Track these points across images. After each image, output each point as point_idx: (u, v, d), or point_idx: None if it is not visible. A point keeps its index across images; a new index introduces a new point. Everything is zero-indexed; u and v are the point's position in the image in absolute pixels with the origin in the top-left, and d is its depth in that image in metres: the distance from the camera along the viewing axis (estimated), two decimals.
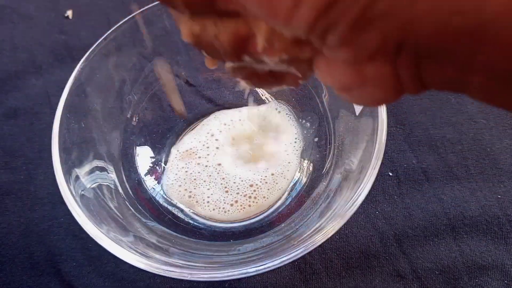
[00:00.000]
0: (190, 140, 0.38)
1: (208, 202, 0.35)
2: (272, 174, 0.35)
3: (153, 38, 0.36)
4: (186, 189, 0.36)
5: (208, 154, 0.37)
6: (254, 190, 0.35)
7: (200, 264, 0.27)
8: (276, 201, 0.35)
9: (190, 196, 0.35)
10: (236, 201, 0.35)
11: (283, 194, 0.35)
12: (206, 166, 0.37)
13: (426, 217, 0.34)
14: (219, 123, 0.39)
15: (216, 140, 0.38)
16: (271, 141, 0.37)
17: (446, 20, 0.10)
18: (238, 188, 0.35)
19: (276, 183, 0.35)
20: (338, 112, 0.34)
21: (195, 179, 0.36)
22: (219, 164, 0.36)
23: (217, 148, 0.37)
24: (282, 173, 0.35)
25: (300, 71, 0.16)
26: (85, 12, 0.48)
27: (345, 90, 0.15)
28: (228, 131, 0.38)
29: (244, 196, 0.35)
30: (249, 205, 0.34)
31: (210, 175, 0.36)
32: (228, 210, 0.34)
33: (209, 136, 0.38)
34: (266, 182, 0.35)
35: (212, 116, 0.40)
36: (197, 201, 0.35)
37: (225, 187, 0.35)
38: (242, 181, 0.35)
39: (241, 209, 0.34)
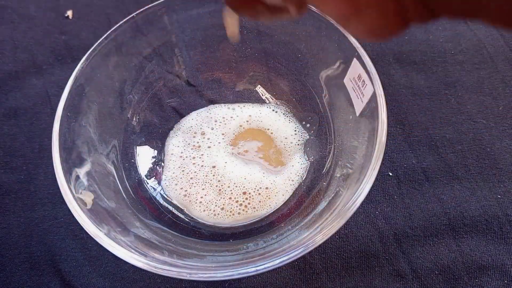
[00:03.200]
0: (183, 138, 0.38)
1: (200, 202, 0.35)
2: (267, 188, 0.35)
3: (153, 38, 0.36)
4: (182, 188, 0.36)
5: (202, 154, 0.37)
6: (246, 198, 0.34)
7: (200, 264, 0.27)
8: (267, 215, 0.34)
9: (185, 195, 0.35)
10: (227, 203, 0.34)
11: (274, 209, 0.34)
12: (202, 166, 0.37)
13: (426, 217, 0.34)
14: (210, 119, 0.39)
15: (208, 139, 0.38)
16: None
17: None
18: (231, 193, 0.35)
19: (269, 198, 0.34)
20: (338, 112, 0.34)
21: (191, 178, 0.36)
22: (214, 167, 0.36)
23: (209, 147, 0.37)
24: (277, 191, 0.35)
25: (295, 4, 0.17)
26: (85, 12, 0.48)
27: (342, 20, 0.15)
28: (219, 129, 0.38)
29: (236, 202, 0.34)
30: (239, 213, 0.34)
31: (206, 175, 0.36)
32: (218, 214, 0.34)
33: (198, 135, 0.38)
34: (259, 194, 0.35)
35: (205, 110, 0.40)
36: (190, 201, 0.35)
37: (219, 189, 0.35)
38: (236, 186, 0.35)
39: (230, 215, 0.34)
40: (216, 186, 0.35)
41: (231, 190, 0.35)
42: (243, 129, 0.39)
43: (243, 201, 0.34)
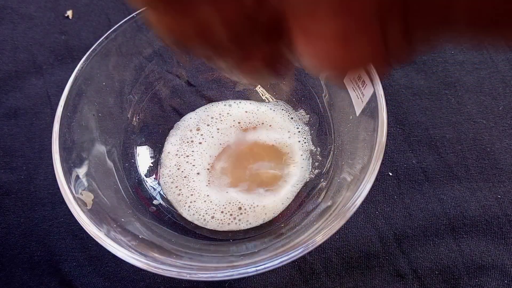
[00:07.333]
0: (180, 137, 0.38)
1: (189, 206, 0.34)
2: (264, 206, 0.34)
3: (153, 38, 0.36)
4: (177, 187, 0.35)
5: (193, 151, 0.37)
6: (241, 213, 0.34)
7: (199, 264, 0.27)
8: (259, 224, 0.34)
9: (179, 195, 0.35)
10: (219, 215, 0.34)
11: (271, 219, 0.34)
12: (193, 165, 0.36)
13: (426, 217, 0.34)
14: (206, 116, 0.39)
15: (201, 135, 0.38)
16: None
17: None
18: (225, 207, 0.34)
19: (265, 214, 0.34)
20: (338, 112, 0.34)
21: (185, 177, 0.36)
22: (207, 169, 0.36)
23: (200, 143, 0.37)
24: (276, 203, 0.34)
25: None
26: (85, 12, 0.48)
27: (326, 64, 0.13)
28: (215, 125, 0.38)
29: (231, 215, 0.34)
30: (228, 224, 0.33)
31: (194, 181, 0.35)
32: (208, 221, 0.33)
33: (194, 131, 0.38)
34: (254, 211, 0.34)
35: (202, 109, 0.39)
36: (180, 201, 0.35)
37: (211, 201, 0.34)
38: (230, 203, 0.34)
39: (220, 223, 0.33)
40: (207, 195, 0.35)
41: (223, 205, 0.34)
42: (238, 129, 0.38)
43: (237, 215, 0.34)
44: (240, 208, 0.34)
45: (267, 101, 0.40)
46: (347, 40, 0.12)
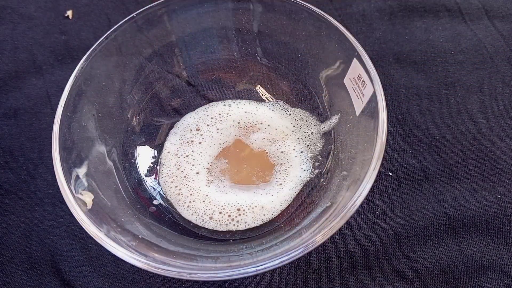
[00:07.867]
0: (179, 137, 0.38)
1: (188, 206, 0.34)
2: (262, 207, 0.34)
3: (153, 38, 0.36)
4: (176, 186, 0.35)
5: (193, 151, 0.37)
6: (240, 214, 0.34)
7: (200, 264, 0.27)
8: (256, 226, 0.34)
9: (179, 194, 0.35)
10: (217, 216, 0.34)
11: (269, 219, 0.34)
12: (193, 165, 0.36)
13: (426, 217, 0.34)
14: (206, 116, 0.39)
15: (201, 135, 0.38)
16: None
17: None
18: (224, 208, 0.34)
19: (264, 215, 0.34)
20: (338, 112, 0.34)
21: (185, 176, 0.36)
22: (208, 168, 0.36)
23: (200, 143, 0.37)
24: (274, 205, 0.34)
25: None
26: (85, 12, 0.48)
27: None
28: (214, 125, 0.38)
29: (229, 216, 0.34)
30: (226, 225, 0.33)
31: (193, 180, 0.35)
32: (206, 221, 0.33)
33: (194, 131, 0.38)
34: (253, 212, 0.34)
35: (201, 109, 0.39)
36: (179, 200, 0.35)
37: (210, 201, 0.34)
38: (229, 204, 0.34)
39: (218, 225, 0.33)
40: (205, 195, 0.35)
41: (222, 205, 0.34)
42: (236, 132, 0.38)
43: (236, 217, 0.34)
44: (238, 210, 0.34)
45: (266, 101, 0.40)
46: None
